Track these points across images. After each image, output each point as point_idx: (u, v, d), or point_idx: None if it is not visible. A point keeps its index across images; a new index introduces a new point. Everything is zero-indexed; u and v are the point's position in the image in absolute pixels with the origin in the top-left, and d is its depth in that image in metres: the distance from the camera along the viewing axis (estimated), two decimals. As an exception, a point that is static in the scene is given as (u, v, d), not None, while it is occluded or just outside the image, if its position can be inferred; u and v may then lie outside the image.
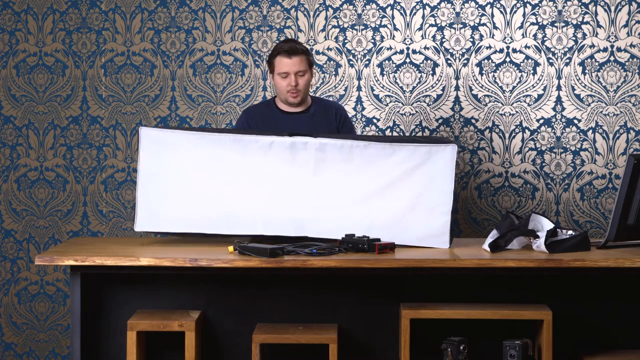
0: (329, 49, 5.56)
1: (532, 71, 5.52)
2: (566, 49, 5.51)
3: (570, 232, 4.29)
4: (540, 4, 5.51)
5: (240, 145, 4.41)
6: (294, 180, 4.40)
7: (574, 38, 5.51)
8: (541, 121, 5.54)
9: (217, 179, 4.41)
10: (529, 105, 5.53)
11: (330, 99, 5.56)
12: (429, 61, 5.55)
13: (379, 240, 4.23)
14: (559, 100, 5.53)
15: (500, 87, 5.54)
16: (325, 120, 4.86)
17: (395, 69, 5.55)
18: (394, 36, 5.55)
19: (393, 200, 4.37)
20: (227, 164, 4.41)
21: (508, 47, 5.53)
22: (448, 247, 4.35)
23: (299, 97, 4.77)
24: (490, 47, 5.54)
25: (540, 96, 5.53)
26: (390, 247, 4.21)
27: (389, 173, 4.38)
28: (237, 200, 4.39)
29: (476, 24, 5.53)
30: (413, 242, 4.35)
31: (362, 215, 4.36)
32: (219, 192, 4.40)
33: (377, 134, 5.59)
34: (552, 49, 5.51)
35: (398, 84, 5.56)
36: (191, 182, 4.41)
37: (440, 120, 5.57)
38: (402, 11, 5.55)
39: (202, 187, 4.41)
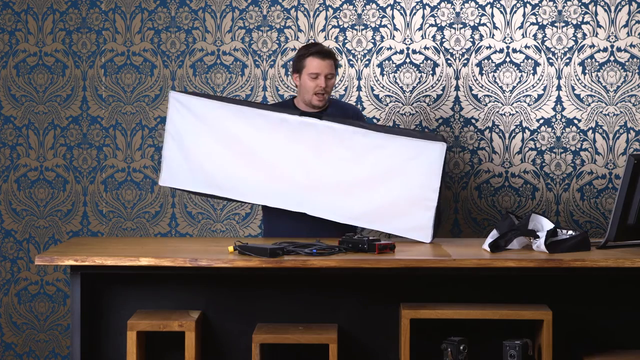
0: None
1: (532, 71, 5.52)
2: (566, 49, 5.51)
3: (570, 232, 4.29)
4: (540, 4, 5.51)
5: (255, 119, 4.65)
6: (297, 158, 4.64)
7: (574, 38, 5.51)
8: (541, 121, 5.54)
9: (232, 148, 4.67)
10: (529, 105, 5.53)
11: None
12: (429, 61, 5.55)
13: (379, 240, 4.23)
14: (559, 100, 5.53)
15: (500, 87, 5.54)
16: (345, 117, 4.83)
17: (395, 69, 5.55)
18: (394, 36, 5.55)
19: (383, 189, 4.55)
20: (241, 134, 4.66)
21: (508, 47, 5.53)
22: (429, 241, 4.50)
23: (324, 100, 4.82)
24: (490, 47, 5.54)
25: (540, 96, 5.53)
26: (390, 247, 4.22)
27: (382, 163, 4.56)
28: (246, 169, 4.66)
29: (476, 24, 5.53)
30: (396, 232, 4.54)
31: (354, 200, 4.57)
32: (232, 159, 4.67)
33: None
34: (552, 49, 5.52)
35: (398, 84, 5.56)
36: (210, 147, 4.69)
37: (440, 120, 5.57)
38: (402, 11, 5.55)
39: (219, 153, 4.68)
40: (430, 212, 4.47)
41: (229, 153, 4.68)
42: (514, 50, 5.53)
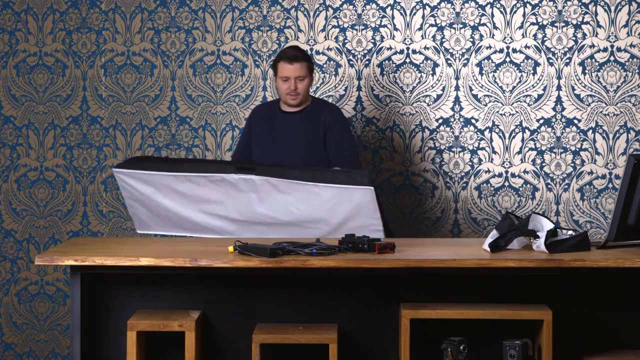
0: (329, 49, 5.56)
1: (532, 71, 5.52)
2: (566, 49, 5.51)
3: (570, 232, 4.29)
4: (540, 4, 5.51)
5: (196, 180, 4.84)
6: (244, 203, 4.82)
7: (574, 38, 5.51)
8: (541, 121, 5.54)
9: (181, 201, 4.88)
10: (529, 105, 5.53)
11: (330, 99, 5.56)
12: (429, 61, 5.55)
13: (379, 240, 4.23)
14: (559, 100, 5.53)
15: (500, 87, 5.54)
16: (315, 120, 5.09)
17: (395, 69, 5.55)
18: (394, 36, 5.55)
19: (329, 225, 4.75)
20: (186, 192, 4.86)
21: (508, 47, 5.53)
22: None
23: (297, 100, 5.07)
24: (490, 47, 5.54)
25: (540, 96, 5.53)
26: (390, 247, 4.21)
27: (322, 206, 4.74)
28: (198, 215, 4.89)
29: (476, 24, 5.53)
30: None
31: (302, 234, 4.75)
32: (183, 209, 4.90)
33: (377, 134, 5.59)
34: (552, 49, 5.52)
35: (398, 84, 5.56)
36: (163, 202, 4.89)
37: (440, 120, 5.57)
38: (402, 11, 5.55)
39: (172, 206, 4.90)
40: (378, 234, 4.68)
41: (180, 205, 4.87)
42: (514, 50, 5.53)
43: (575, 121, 5.53)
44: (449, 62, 5.54)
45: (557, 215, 5.54)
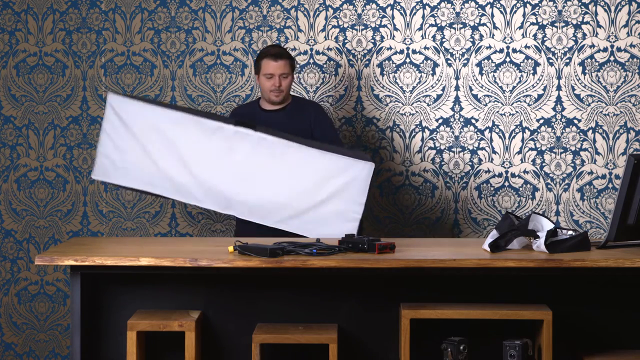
0: (329, 49, 5.56)
1: (532, 71, 5.52)
2: (566, 49, 5.51)
3: (570, 232, 4.29)
4: (540, 4, 5.51)
5: (191, 127, 4.86)
6: (230, 164, 4.85)
7: (574, 38, 5.51)
8: (541, 121, 5.54)
9: (167, 150, 4.87)
10: (529, 105, 5.53)
11: (330, 99, 5.56)
12: (429, 61, 5.55)
13: (379, 240, 4.23)
14: (559, 100, 5.53)
15: (500, 87, 5.54)
16: (300, 116, 5.16)
17: (395, 69, 5.55)
18: (394, 36, 5.55)
19: (311, 199, 4.83)
20: (176, 139, 4.86)
21: (508, 47, 5.53)
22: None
23: (281, 96, 5.13)
24: (490, 47, 5.54)
25: (540, 96, 5.53)
26: (390, 247, 4.21)
27: (312, 176, 4.84)
28: (180, 171, 4.86)
29: (476, 24, 5.53)
30: (320, 237, 4.72)
31: (282, 207, 4.83)
32: (166, 161, 4.88)
33: (376, 134, 5.59)
34: (552, 49, 5.52)
35: (398, 84, 5.56)
36: (146, 148, 4.88)
37: (440, 120, 5.57)
38: (402, 11, 5.55)
39: (154, 154, 4.88)
40: (354, 223, 4.77)
41: (164, 155, 4.88)
42: (514, 50, 5.53)
43: (575, 121, 5.53)
44: (449, 62, 5.54)
45: (557, 215, 5.54)
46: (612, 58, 5.51)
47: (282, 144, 4.84)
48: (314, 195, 4.81)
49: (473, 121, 5.56)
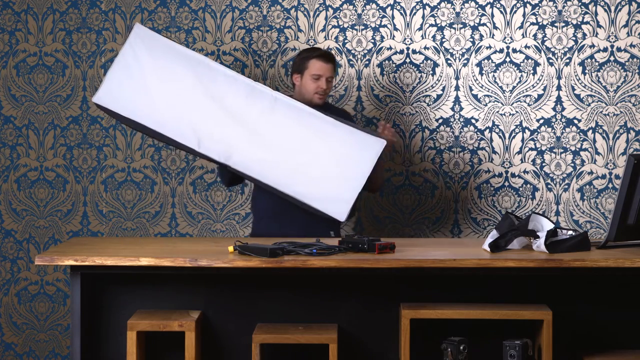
0: (329, 49, 5.56)
1: (532, 71, 5.52)
2: (566, 49, 5.51)
3: (570, 232, 4.29)
4: (540, 4, 5.51)
5: (209, 72, 4.85)
6: (242, 114, 4.82)
7: (574, 38, 5.51)
8: (541, 121, 5.54)
9: (185, 92, 4.82)
10: (529, 105, 5.53)
11: (330, 99, 5.56)
12: (429, 61, 5.55)
13: (379, 240, 4.24)
14: (559, 100, 5.53)
15: (500, 87, 5.54)
16: None
17: (395, 69, 5.55)
18: (394, 36, 5.55)
19: (316, 163, 4.80)
20: (193, 81, 4.83)
21: (508, 47, 5.53)
22: (344, 219, 4.80)
23: (323, 100, 5.05)
24: (490, 47, 5.54)
25: (540, 96, 5.53)
26: (390, 247, 4.22)
27: (324, 142, 4.81)
28: (192, 114, 4.82)
29: (476, 24, 5.53)
30: (316, 203, 4.78)
31: (284, 165, 4.81)
32: (182, 102, 4.82)
33: (377, 134, 5.60)
34: (552, 49, 5.52)
35: (398, 84, 5.56)
36: (158, 83, 4.83)
37: (440, 120, 5.57)
38: (402, 11, 5.55)
39: (164, 91, 4.83)
40: (353, 193, 4.74)
41: (181, 95, 4.82)
42: (514, 50, 5.53)
43: (575, 121, 5.53)
44: (449, 62, 5.54)
45: (557, 215, 5.54)
46: (612, 58, 5.51)
47: (305, 110, 4.82)
48: (321, 158, 4.79)
49: (473, 121, 5.56)
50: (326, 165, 4.80)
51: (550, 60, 5.52)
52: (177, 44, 4.91)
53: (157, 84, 4.84)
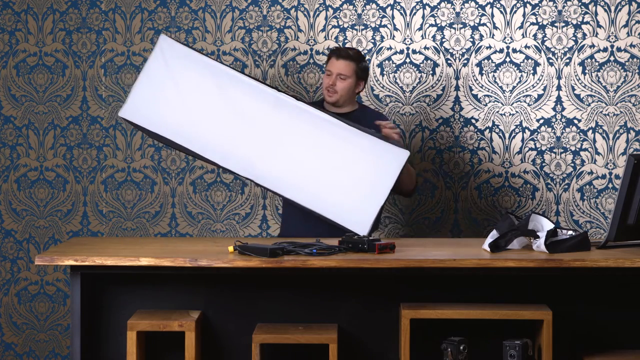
0: (329, 49, 5.56)
1: (532, 71, 5.52)
2: (566, 49, 5.51)
3: (570, 232, 4.29)
4: (540, 4, 5.51)
5: (234, 83, 4.79)
6: (265, 129, 4.77)
7: (574, 38, 5.51)
8: (541, 121, 5.54)
9: (208, 105, 4.78)
10: (529, 105, 5.53)
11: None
12: (429, 61, 5.55)
13: (379, 240, 4.23)
14: (559, 100, 5.53)
15: (500, 87, 5.54)
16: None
17: (395, 69, 5.55)
18: (394, 36, 5.55)
19: (338, 177, 4.72)
20: (216, 93, 4.79)
21: (508, 47, 5.53)
22: (366, 233, 4.64)
23: (334, 98, 4.99)
24: (490, 47, 5.54)
25: (540, 96, 5.53)
26: (390, 247, 4.22)
27: (345, 154, 4.73)
28: (215, 127, 4.78)
29: (476, 24, 5.53)
30: (337, 219, 4.70)
31: (305, 179, 4.74)
32: (205, 115, 4.79)
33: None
34: (552, 49, 5.52)
35: (398, 84, 5.56)
36: (182, 96, 4.79)
37: (440, 120, 5.57)
38: (402, 11, 5.55)
39: (188, 104, 4.79)
40: (375, 207, 4.66)
41: (204, 109, 4.78)
42: (514, 50, 5.53)
43: (575, 121, 5.53)
44: (449, 62, 5.54)
45: (557, 215, 5.54)
46: (612, 58, 5.51)
47: (322, 117, 4.75)
48: (343, 171, 4.71)
49: (473, 121, 5.56)
50: (349, 177, 4.72)
51: (550, 60, 5.52)
52: (201, 55, 4.87)
53: (182, 98, 4.80)
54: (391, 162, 4.69)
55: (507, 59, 5.54)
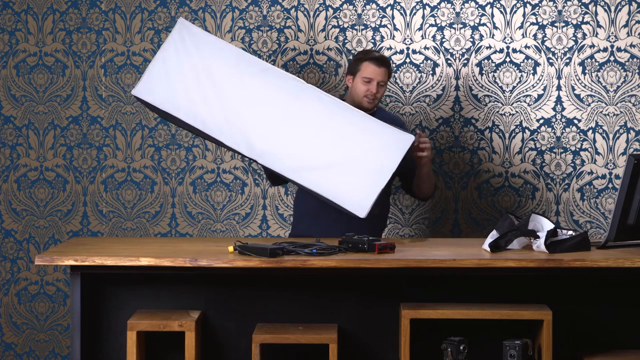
0: (329, 49, 5.56)
1: (532, 71, 5.53)
2: (566, 49, 5.51)
3: (570, 232, 4.30)
4: (540, 4, 5.51)
5: (248, 66, 4.83)
6: (269, 107, 4.79)
7: (574, 38, 5.51)
8: (541, 121, 5.54)
9: (223, 87, 4.81)
10: (529, 105, 5.54)
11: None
12: (429, 61, 5.55)
13: (379, 240, 4.24)
14: (559, 100, 5.53)
15: (500, 87, 5.54)
16: None
17: (395, 69, 5.55)
18: (394, 36, 5.55)
19: (341, 157, 4.72)
20: (231, 76, 4.82)
21: (508, 47, 5.53)
22: (364, 216, 4.64)
23: (373, 104, 4.99)
24: (490, 47, 5.54)
25: (540, 96, 5.53)
26: (390, 247, 4.22)
27: (350, 137, 4.73)
28: (226, 110, 4.80)
29: (476, 24, 5.53)
30: (337, 199, 4.69)
31: (308, 158, 4.74)
32: (218, 96, 4.80)
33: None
34: (552, 49, 5.52)
35: (398, 84, 5.56)
36: (197, 79, 4.82)
37: (440, 120, 5.57)
38: (402, 11, 5.55)
39: (202, 87, 4.82)
40: (375, 190, 4.64)
41: (218, 91, 4.80)
42: (514, 50, 5.53)
43: (575, 121, 5.53)
44: (448, 62, 5.55)
45: (557, 215, 5.54)
46: (612, 58, 5.51)
47: (329, 100, 4.78)
48: (347, 152, 4.71)
49: (473, 121, 5.56)
50: (351, 159, 4.72)
51: (550, 60, 5.52)
52: (218, 39, 4.92)
53: (197, 80, 4.83)
54: (395, 146, 4.69)
55: (507, 59, 5.54)
